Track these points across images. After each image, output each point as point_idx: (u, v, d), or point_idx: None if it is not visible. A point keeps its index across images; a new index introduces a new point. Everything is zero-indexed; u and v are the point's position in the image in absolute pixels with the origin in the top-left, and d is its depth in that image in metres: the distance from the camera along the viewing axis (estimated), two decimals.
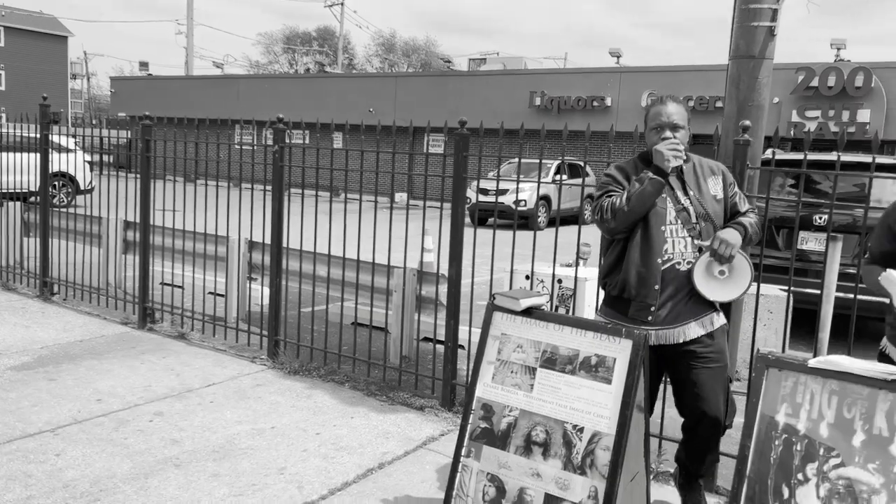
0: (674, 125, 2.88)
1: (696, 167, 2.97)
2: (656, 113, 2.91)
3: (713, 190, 2.93)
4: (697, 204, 2.88)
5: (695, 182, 2.92)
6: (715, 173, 2.97)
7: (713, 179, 2.95)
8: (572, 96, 21.75)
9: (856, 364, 2.35)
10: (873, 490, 2.23)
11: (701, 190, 2.91)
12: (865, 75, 17.74)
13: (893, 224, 2.62)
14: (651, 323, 2.91)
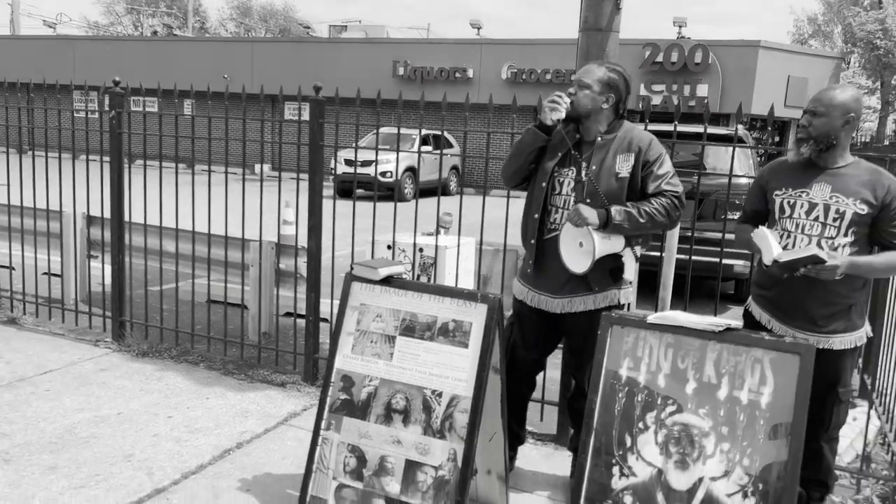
0: (580, 82, 2.91)
1: (615, 141, 2.91)
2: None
3: (618, 167, 2.86)
4: (591, 181, 2.87)
5: (600, 158, 2.89)
6: (630, 150, 2.87)
7: (624, 156, 2.87)
8: (435, 67, 21.79)
9: (688, 318, 2.53)
10: (704, 433, 2.42)
11: (602, 166, 2.87)
12: (703, 52, 19.07)
13: (764, 185, 2.82)
14: (531, 281, 3.03)
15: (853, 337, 2.71)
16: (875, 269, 2.63)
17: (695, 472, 2.40)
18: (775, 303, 2.74)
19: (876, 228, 2.61)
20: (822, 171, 2.65)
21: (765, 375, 2.39)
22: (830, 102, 2.57)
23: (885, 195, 2.57)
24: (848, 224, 2.59)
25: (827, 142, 2.60)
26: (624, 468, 2.49)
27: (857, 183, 2.60)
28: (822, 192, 2.62)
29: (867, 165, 2.67)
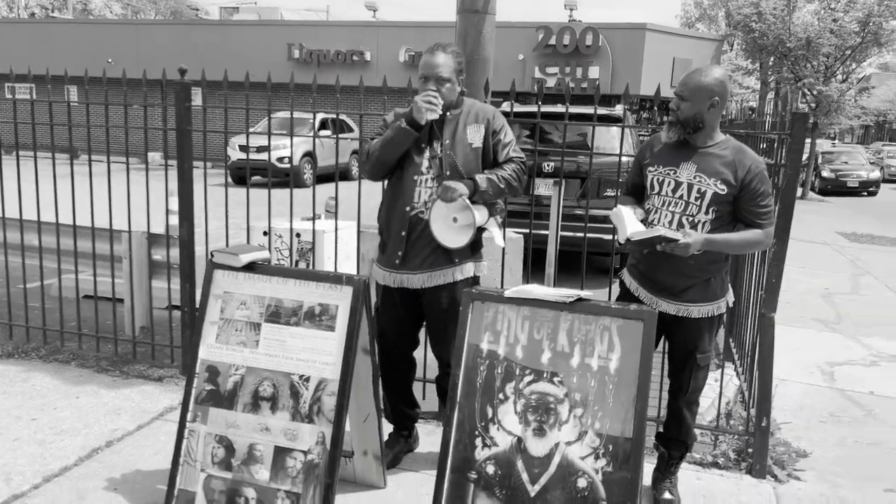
0: (439, 77, 2.88)
1: (462, 115, 2.98)
2: (424, 63, 2.92)
3: (471, 138, 2.95)
4: (448, 154, 2.92)
5: (451, 131, 2.95)
6: (479, 121, 2.98)
7: (474, 127, 2.96)
8: (331, 50, 21.45)
9: (543, 291, 2.62)
10: (559, 400, 2.53)
11: (455, 138, 2.94)
12: (594, 35, 19.63)
13: (641, 160, 2.94)
14: (398, 267, 3.01)
15: (711, 307, 2.87)
16: (732, 245, 2.77)
17: (551, 438, 2.50)
18: (642, 273, 2.90)
19: (737, 207, 2.75)
20: (693, 151, 2.77)
21: (613, 342, 2.52)
22: (696, 87, 2.69)
23: (745, 175, 2.70)
24: (708, 203, 2.73)
25: (694, 125, 2.73)
26: (486, 439, 2.57)
27: (720, 163, 2.73)
28: (688, 171, 2.75)
29: (734, 145, 2.79)
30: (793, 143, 3.20)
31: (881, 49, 18.56)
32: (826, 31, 17.86)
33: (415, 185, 2.95)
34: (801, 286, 7.80)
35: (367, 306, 2.80)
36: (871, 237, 12.21)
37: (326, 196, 5.86)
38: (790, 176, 3.21)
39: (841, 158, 22.49)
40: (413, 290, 3.05)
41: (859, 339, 5.89)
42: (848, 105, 19.71)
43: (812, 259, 9.63)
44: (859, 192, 21.04)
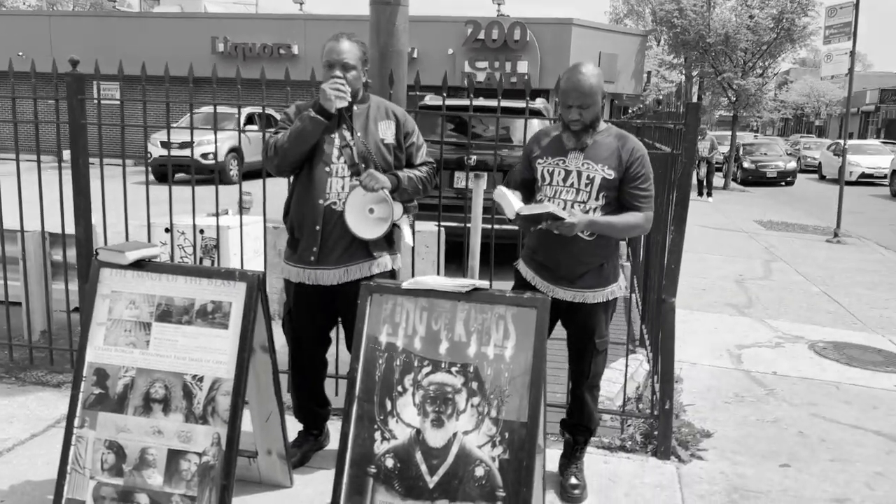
0: (344, 64, 2.82)
1: (370, 109, 2.96)
2: (329, 49, 2.84)
3: (382, 133, 2.94)
4: (360, 144, 2.88)
5: (363, 123, 2.91)
6: (389, 118, 2.97)
7: (385, 123, 2.95)
8: (258, 43, 21.01)
9: (439, 281, 2.61)
10: (456, 390, 2.52)
11: (367, 131, 2.91)
12: (521, 30, 19.82)
13: (529, 154, 2.95)
14: (313, 264, 2.93)
15: (606, 292, 2.93)
16: (614, 228, 2.84)
17: (449, 428, 2.50)
18: (538, 262, 2.93)
19: (620, 190, 2.82)
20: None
21: (508, 330, 2.53)
22: (591, 90, 2.72)
23: (628, 158, 2.79)
24: (598, 189, 2.79)
25: (596, 122, 2.79)
26: (385, 432, 2.54)
27: (606, 150, 2.80)
28: (577, 160, 2.81)
29: (616, 132, 2.87)
30: (687, 133, 3.29)
31: (794, 45, 19.34)
32: (743, 27, 18.52)
33: (327, 176, 2.88)
34: (718, 272, 8.08)
35: (262, 303, 2.73)
36: (785, 224, 12.73)
37: (243, 192, 5.72)
38: (685, 164, 3.29)
39: (761, 150, 23.36)
40: (329, 287, 2.98)
41: (767, 321, 6.13)
42: (766, 98, 20.51)
43: (729, 246, 9.98)
44: (778, 181, 21.90)
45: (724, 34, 18.70)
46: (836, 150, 22.32)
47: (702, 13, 19.35)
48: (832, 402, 4.32)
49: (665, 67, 28.44)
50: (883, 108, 49.16)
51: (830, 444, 3.73)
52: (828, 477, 3.38)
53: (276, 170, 2.92)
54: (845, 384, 4.65)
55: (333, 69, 2.83)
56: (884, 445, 3.75)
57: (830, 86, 47.84)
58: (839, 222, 11.21)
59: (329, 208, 2.88)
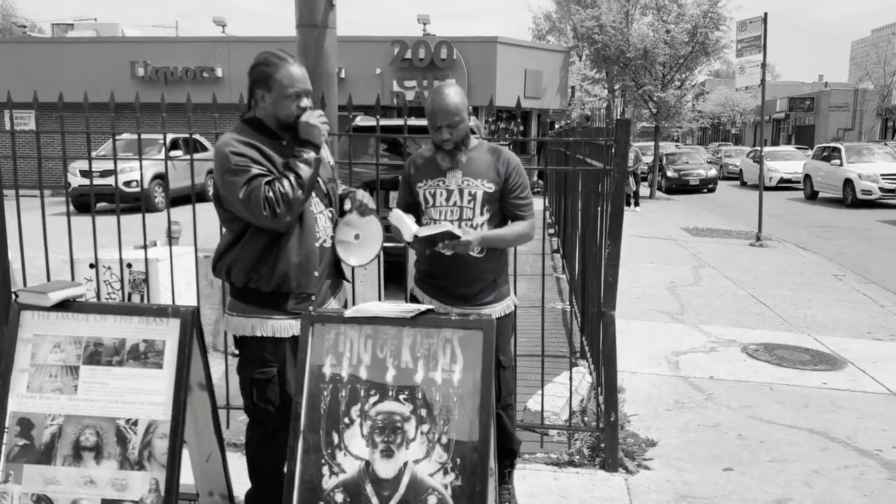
0: (308, 92, 2.61)
1: None
2: (290, 76, 2.54)
3: (328, 157, 2.82)
4: (325, 170, 2.72)
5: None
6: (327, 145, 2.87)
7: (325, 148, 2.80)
8: (179, 67, 20.51)
9: (383, 308, 2.56)
10: (405, 418, 2.47)
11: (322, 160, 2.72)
12: (448, 49, 20.02)
13: (409, 179, 2.93)
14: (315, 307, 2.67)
15: (502, 305, 2.95)
16: (505, 240, 2.87)
17: (399, 457, 2.44)
18: (434, 285, 2.90)
19: (503, 202, 2.85)
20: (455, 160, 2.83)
21: (455, 353, 2.50)
22: (458, 108, 2.73)
23: (505, 170, 2.83)
24: (481, 203, 2.81)
25: (466, 139, 2.81)
26: (333, 466, 2.47)
27: (482, 164, 2.83)
28: (456, 178, 2.82)
29: (488, 146, 2.91)
30: (618, 148, 3.35)
31: (709, 58, 20.18)
32: (660, 41, 19.21)
33: (312, 215, 2.66)
34: (650, 280, 8.28)
35: (198, 338, 2.63)
36: (710, 230, 13.20)
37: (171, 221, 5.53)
38: (618, 179, 3.36)
39: (682, 159, 24.22)
40: None
41: (700, 327, 6.31)
42: (685, 109, 21.30)
43: (660, 254, 10.26)
44: (700, 189, 22.71)
45: (642, 49, 19.35)
46: (755, 157, 23.39)
47: (620, 29, 20.00)
48: (767, 403, 4.47)
49: (588, 82, 29.22)
50: (792, 116, 51.90)
51: (768, 445, 3.85)
52: (769, 478, 3.47)
53: (285, 225, 2.52)
54: (778, 384, 4.81)
55: (301, 99, 2.57)
56: (818, 443, 3.88)
57: (744, 95, 50.21)
58: (760, 226, 11.68)
59: (321, 248, 2.69)
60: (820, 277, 8.76)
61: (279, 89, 2.55)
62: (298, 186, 2.48)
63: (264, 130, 2.62)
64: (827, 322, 6.54)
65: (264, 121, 2.63)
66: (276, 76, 2.55)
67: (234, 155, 2.49)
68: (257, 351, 2.65)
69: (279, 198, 2.44)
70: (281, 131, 2.63)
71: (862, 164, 18.04)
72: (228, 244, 2.64)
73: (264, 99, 2.60)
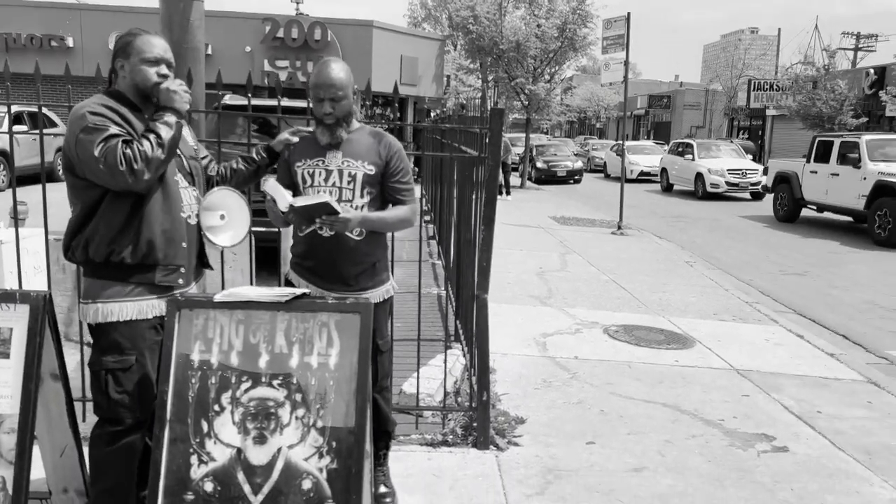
0: (169, 62, 2.52)
1: None
2: (149, 44, 2.49)
3: (192, 140, 2.75)
4: (186, 148, 2.64)
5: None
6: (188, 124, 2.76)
7: (187, 129, 2.72)
8: (23, 33, 18.80)
9: (256, 292, 2.50)
10: (279, 403, 2.43)
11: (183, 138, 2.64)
12: (322, 30, 19.63)
13: (287, 159, 2.86)
14: (181, 286, 2.57)
15: (382, 290, 2.94)
16: (387, 223, 2.87)
17: (273, 443, 2.40)
18: (311, 269, 2.85)
19: (384, 186, 2.86)
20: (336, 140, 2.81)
21: (332, 337, 2.48)
22: (343, 83, 2.71)
23: (387, 153, 2.83)
24: (361, 185, 2.79)
25: (349, 117, 2.79)
26: (202, 455, 2.38)
27: (363, 146, 2.82)
28: (336, 158, 2.79)
29: (370, 129, 2.90)
30: (492, 137, 3.44)
31: (577, 53, 21.07)
32: (532, 35, 19.82)
33: (177, 185, 2.55)
34: (521, 267, 8.57)
35: (50, 325, 2.44)
36: (577, 220, 13.84)
37: (17, 200, 5.08)
38: (491, 167, 3.45)
39: (551, 151, 25.21)
40: None
41: (566, 310, 6.62)
42: (554, 103, 22.14)
43: (530, 241, 10.64)
44: (567, 180, 23.76)
45: (515, 41, 19.90)
46: (618, 151, 24.73)
47: (494, 20, 20.44)
48: (626, 381, 4.77)
49: (463, 72, 29.68)
50: (651, 112, 55.24)
51: (627, 420, 4.11)
52: (627, 449, 3.72)
53: (145, 186, 2.40)
54: (636, 363, 5.15)
55: (160, 65, 2.50)
56: (670, 415, 4.20)
57: (608, 91, 52.94)
58: (622, 216, 12.39)
59: (186, 223, 2.58)
60: (674, 264, 9.43)
61: (137, 54, 2.49)
62: (158, 146, 2.38)
63: (125, 102, 2.51)
64: (680, 305, 7.06)
65: (125, 93, 2.53)
66: (135, 43, 2.51)
67: (91, 115, 2.38)
68: (114, 337, 2.49)
69: (137, 154, 2.33)
70: (142, 103, 2.53)
71: (711, 160, 19.61)
72: (82, 219, 2.48)
73: (123, 68, 2.53)
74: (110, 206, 2.44)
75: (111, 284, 2.48)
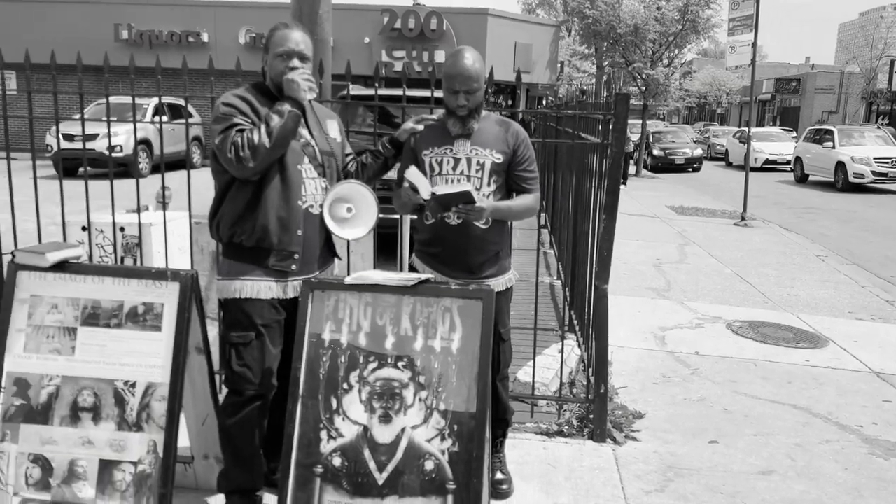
0: (301, 55, 2.61)
1: (311, 105, 2.77)
2: (282, 38, 2.59)
3: (333, 132, 2.82)
4: (323, 142, 2.72)
5: (315, 120, 2.75)
6: (331, 117, 2.87)
7: (331, 121, 2.83)
8: (164, 30, 20.15)
9: (383, 276, 2.58)
10: (403, 384, 2.50)
11: (322, 128, 2.76)
12: (438, 19, 19.82)
13: (414, 148, 2.90)
14: (294, 273, 2.66)
15: (504, 279, 2.94)
16: (514, 212, 2.86)
17: (397, 423, 2.48)
18: (437, 256, 2.87)
19: (509, 174, 2.84)
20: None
21: (454, 322, 2.52)
22: (478, 74, 2.72)
23: (515, 142, 2.82)
24: (489, 173, 2.79)
25: (480, 107, 2.79)
26: (332, 431, 2.50)
27: (491, 135, 2.81)
28: (464, 147, 2.79)
29: (496, 118, 2.89)
30: (616, 123, 3.36)
31: (699, 36, 20.15)
32: (651, 18, 19.14)
33: (300, 175, 2.65)
34: (637, 258, 8.35)
35: (196, 302, 2.62)
36: (696, 209, 13.30)
37: (162, 186, 5.48)
38: (615, 154, 3.37)
39: (668, 137, 24.30)
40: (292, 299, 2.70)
41: (686, 303, 6.39)
42: (673, 88, 21.31)
43: (646, 232, 10.33)
44: (685, 168, 22.83)
45: (633, 25, 19.27)
46: (742, 138, 23.48)
47: (612, 4, 19.88)
48: (751, 379, 4.55)
49: (577, 57, 29.09)
50: (778, 97, 52.08)
51: (753, 420, 3.93)
52: (753, 451, 3.56)
53: (252, 173, 2.52)
54: (762, 361, 4.91)
55: (291, 59, 2.59)
56: (800, 418, 3.98)
57: (730, 75, 50.28)
58: (746, 206, 11.79)
59: (307, 211, 2.65)
60: (803, 257, 8.89)
61: (273, 48, 2.62)
62: (266, 135, 2.48)
63: (266, 93, 2.67)
64: (809, 301, 6.65)
65: (269, 85, 2.67)
66: (272, 38, 2.65)
67: (223, 105, 2.57)
68: (237, 314, 2.64)
69: (244, 143, 2.47)
70: (281, 95, 2.63)
71: (854, 148, 17.98)
72: (217, 201, 2.67)
73: (265, 62, 2.68)
74: (237, 190, 2.60)
75: (234, 264, 2.64)
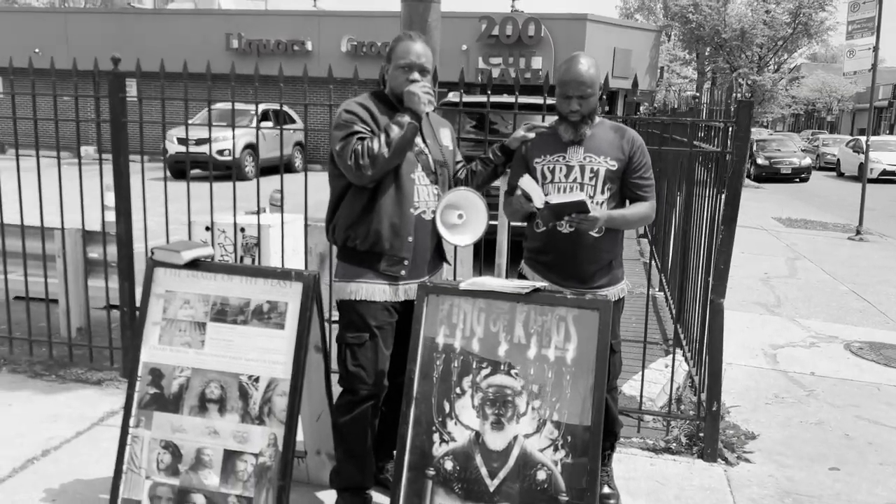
0: (423, 67, 2.66)
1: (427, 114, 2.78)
2: (405, 50, 2.65)
3: (445, 140, 2.85)
4: (436, 150, 2.78)
5: (429, 129, 2.81)
6: (444, 125, 2.91)
7: (444, 130, 2.87)
8: (272, 40, 20.99)
9: (498, 283, 2.58)
10: (516, 392, 2.50)
11: (436, 137, 2.81)
12: (536, 26, 19.73)
13: (525, 155, 2.89)
14: (404, 278, 2.72)
15: (616, 289, 2.87)
16: (628, 220, 2.80)
17: (509, 431, 2.47)
18: (547, 264, 2.83)
19: (624, 182, 2.78)
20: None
21: (569, 332, 2.50)
22: (592, 81, 2.69)
23: (630, 148, 2.76)
24: (603, 181, 2.74)
25: (593, 113, 2.75)
26: (444, 434, 2.52)
27: (605, 142, 2.76)
28: (577, 154, 2.75)
29: (610, 124, 2.83)
30: (738, 131, 3.25)
31: (811, 40, 19.24)
32: (759, 22, 18.42)
33: (413, 183, 2.71)
34: (742, 271, 8.01)
35: (317, 302, 2.72)
36: (805, 222, 12.65)
37: (271, 189, 5.71)
38: (737, 163, 3.25)
39: (774, 146, 23.19)
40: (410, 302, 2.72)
41: (798, 321, 6.08)
42: (780, 94, 20.40)
43: (751, 244, 9.90)
44: (792, 178, 21.74)
45: (739, 29, 18.59)
46: (856, 147, 22.11)
47: (717, 8, 19.24)
48: (875, 404, 4.28)
49: (678, 63, 28.29)
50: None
51: (878, 447, 3.69)
52: (879, 481, 3.34)
53: (369, 180, 2.59)
54: (886, 385, 4.60)
55: (412, 71, 2.65)
56: None
57: (843, 81, 47.51)
58: (861, 219, 11.11)
59: (419, 218, 2.70)
60: None
61: (394, 59, 2.68)
62: (386, 145, 2.55)
63: (385, 102, 2.73)
64: None
65: (389, 94, 2.72)
66: (395, 49, 2.70)
67: (345, 112, 2.65)
68: (352, 315, 2.71)
69: (364, 151, 2.54)
70: (400, 105, 2.68)
71: None
72: (333, 205, 2.75)
73: (387, 71, 2.74)
74: (352, 196, 2.67)
75: (349, 267, 2.71)
